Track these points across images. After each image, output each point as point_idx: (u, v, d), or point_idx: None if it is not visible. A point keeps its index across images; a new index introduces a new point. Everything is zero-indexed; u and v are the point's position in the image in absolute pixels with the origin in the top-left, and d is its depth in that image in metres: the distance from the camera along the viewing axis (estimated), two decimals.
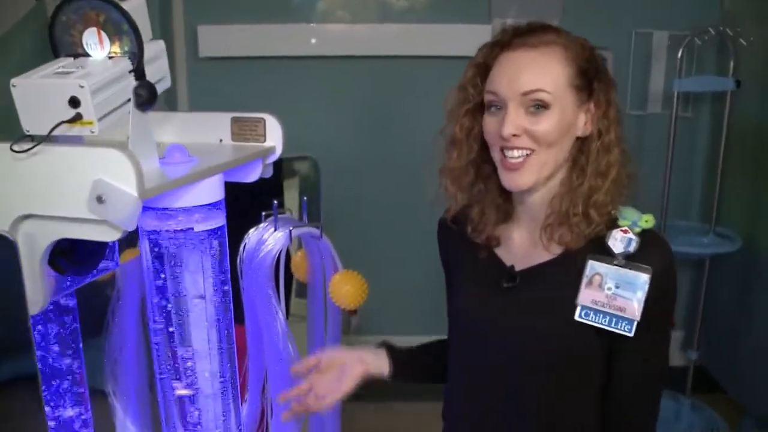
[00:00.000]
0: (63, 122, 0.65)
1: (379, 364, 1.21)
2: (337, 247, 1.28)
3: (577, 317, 0.99)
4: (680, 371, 2.71)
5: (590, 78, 1.01)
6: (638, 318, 0.96)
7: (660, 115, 2.68)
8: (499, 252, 1.11)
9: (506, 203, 1.10)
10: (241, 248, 1.20)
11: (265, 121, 1.00)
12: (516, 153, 1.00)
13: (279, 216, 1.22)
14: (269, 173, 1.04)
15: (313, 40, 2.82)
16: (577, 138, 1.03)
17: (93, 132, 0.67)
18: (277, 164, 1.05)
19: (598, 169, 1.01)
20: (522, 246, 1.09)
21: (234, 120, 1.01)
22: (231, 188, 0.89)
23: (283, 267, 1.18)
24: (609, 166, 1.01)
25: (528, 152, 0.99)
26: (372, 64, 2.85)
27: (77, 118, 0.66)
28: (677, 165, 2.78)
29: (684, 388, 2.65)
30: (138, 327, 1.24)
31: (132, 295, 1.20)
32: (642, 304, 0.96)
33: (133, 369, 1.26)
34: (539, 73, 0.98)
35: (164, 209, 0.79)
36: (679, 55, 2.35)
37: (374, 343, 1.26)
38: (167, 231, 0.80)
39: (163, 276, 0.81)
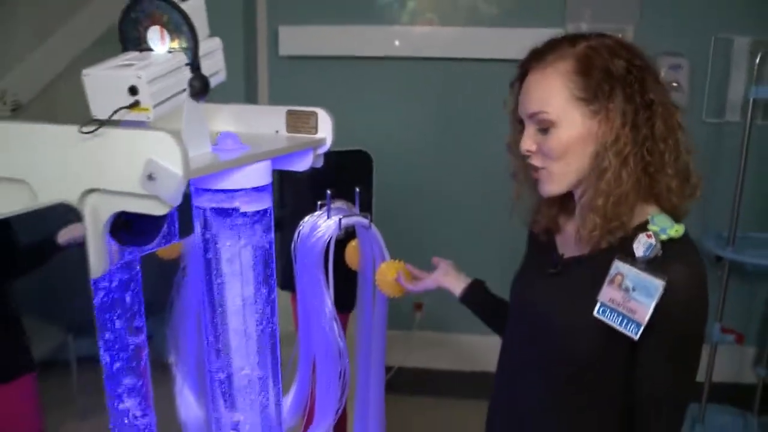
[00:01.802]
0: (122, 108, 0.73)
1: (455, 284, 1.41)
2: (401, 243, 1.35)
3: (595, 313, 1.02)
4: (749, 389, 2.62)
5: (599, 85, 1.01)
6: (645, 322, 0.96)
7: (738, 124, 2.59)
8: (558, 239, 1.17)
9: (566, 197, 1.14)
10: (296, 234, 1.27)
11: (317, 114, 1.07)
12: (535, 166, 1.08)
13: (333, 205, 1.28)
14: (320, 163, 1.10)
15: (387, 41, 2.88)
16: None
17: (149, 117, 0.75)
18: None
19: (614, 176, 1.02)
20: (572, 237, 1.13)
21: (289, 113, 1.08)
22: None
23: (332, 254, 1.24)
24: (619, 176, 1.01)
25: (543, 167, 1.06)
26: (444, 67, 2.90)
27: (135, 105, 0.74)
28: (755, 175, 2.68)
29: (752, 406, 2.56)
30: (199, 301, 1.33)
31: (195, 270, 1.29)
32: (651, 311, 0.96)
33: (193, 341, 1.35)
34: (540, 95, 1.03)
35: (214, 190, 0.87)
36: (757, 60, 2.27)
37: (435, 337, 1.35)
38: (216, 210, 0.87)
39: (210, 253, 0.88)
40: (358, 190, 1.29)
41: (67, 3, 2.18)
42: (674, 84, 2.67)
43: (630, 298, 0.98)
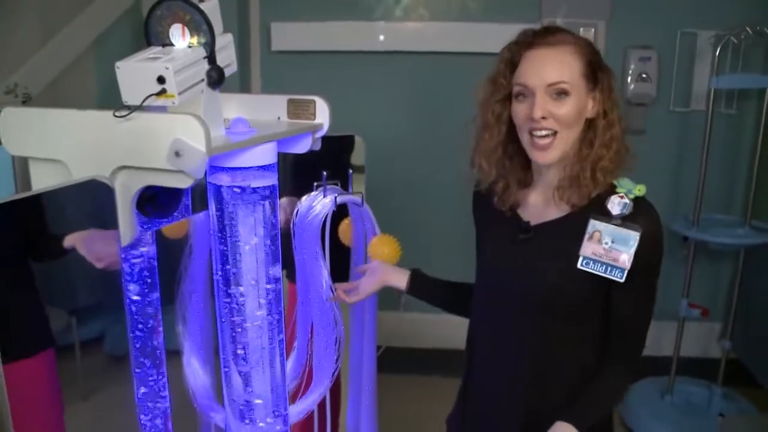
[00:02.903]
0: (152, 95, 0.84)
1: (399, 278, 1.43)
2: (389, 222, 1.43)
3: (579, 265, 1.15)
4: (715, 362, 2.74)
5: (595, 69, 1.17)
6: (628, 267, 1.13)
7: (704, 113, 2.72)
8: (520, 211, 1.27)
9: (526, 174, 1.26)
10: (294, 212, 1.38)
11: (315, 102, 1.18)
12: (543, 133, 1.16)
13: (327, 185, 1.39)
14: (318, 146, 1.21)
15: (374, 37, 2.98)
16: (586, 119, 1.18)
17: (174, 103, 0.85)
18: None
19: (604, 141, 1.17)
20: (537, 206, 1.25)
21: (290, 101, 1.19)
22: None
23: (329, 229, 1.35)
24: (612, 139, 1.17)
25: (552, 132, 1.16)
26: (425, 60, 3.00)
27: (163, 92, 0.85)
28: (720, 161, 2.81)
29: (716, 378, 2.69)
30: (206, 275, 1.43)
31: (201, 246, 1.39)
32: (632, 257, 1.12)
33: (200, 312, 1.45)
34: (559, 67, 1.15)
35: (227, 168, 0.97)
36: (717, 53, 2.40)
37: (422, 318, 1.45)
38: (229, 186, 0.98)
39: (225, 225, 0.99)
40: (351, 171, 1.40)
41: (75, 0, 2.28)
42: (644, 75, 2.80)
43: (611, 249, 1.14)
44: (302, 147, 1.18)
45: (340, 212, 1.44)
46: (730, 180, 2.96)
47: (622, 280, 1.13)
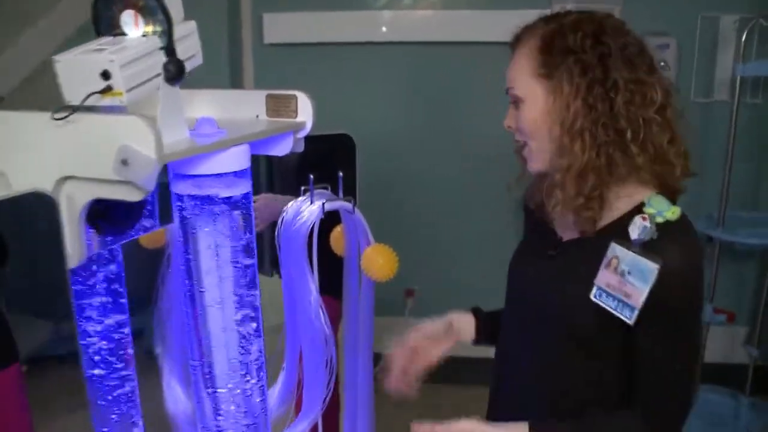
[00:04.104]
0: (94, 93, 0.73)
1: (467, 329, 1.34)
2: (386, 228, 1.34)
3: (591, 296, 1.03)
4: (741, 369, 2.64)
5: (557, 60, 1.03)
6: (639, 306, 0.98)
7: (727, 103, 2.61)
8: (557, 224, 1.18)
9: None
10: (280, 220, 1.27)
11: (296, 97, 1.07)
12: (520, 143, 1.11)
13: (316, 190, 1.28)
14: (300, 148, 1.11)
15: (373, 27, 2.88)
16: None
17: (122, 102, 0.75)
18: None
19: (582, 146, 1.04)
20: (570, 219, 1.14)
21: (269, 97, 1.08)
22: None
23: (316, 239, 1.24)
24: (571, 150, 1.04)
25: (524, 143, 1.10)
26: (430, 51, 2.89)
27: (108, 90, 0.74)
28: (746, 154, 2.69)
29: (744, 386, 2.58)
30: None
31: (180, 259, 1.29)
32: (646, 295, 0.97)
33: (179, 331, 1.35)
34: (511, 72, 1.09)
35: (192, 176, 0.87)
36: (744, 38, 2.28)
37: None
38: (194, 196, 0.87)
39: (189, 240, 0.88)
40: (341, 174, 1.29)
41: None
42: (662, 63, 2.67)
43: (625, 282, 0.99)
44: (283, 148, 1.08)
45: (336, 218, 1.34)
46: (757, 175, 2.84)
47: (631, 322, 0.99)
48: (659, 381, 1.06)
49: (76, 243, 0.82)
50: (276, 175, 1.84)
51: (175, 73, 0.81)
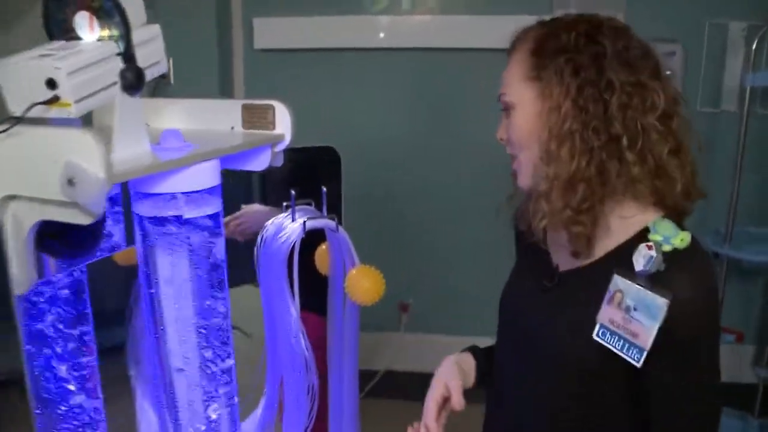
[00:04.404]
0: (38, 103, 0.66)
1: (470, 376, 1.20)
2: (374, 247, 1.28)
3: (594, 336, 0.95)
4: (749, 389, 2.56)
5: (547, 61, 0.97)
6: (648, 347, 0.89)
7: (735, 114, 2.54)
8: (553, 251, 1.09)
9: None
10: (259, 238, 1.21)
11: (274, 108, 1.00)
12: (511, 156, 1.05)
13: (298, 207, 1.21)
14: (279, 162, 1.04)
15: (368, 32, 2.82)
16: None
17: (71, 114, 0.68)
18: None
19: (554, 156, 0.98)
20: (566, 246, 1.04)
21: (244, 107, 1.02)
22: None
23: (296, 258, 1.17)
24: (558, 156, 0.96)
25: (515, 157, 1.04)
26: (428, 57, 2.83)
27: (54, 100, 0.67)
28: (754, 166, 2.63)
29: (753, 407, 2.50)
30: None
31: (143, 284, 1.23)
32: (654, 333, 0.88)
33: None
34: (504, 76, 1.03)
35: (154, 195, 0.80)
36: (754, 47, 2.22)
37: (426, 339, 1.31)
38: (154, 218, 0.80)
39: (149, 264, 0.81)
40: (324, 189, 1.22)
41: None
42: (667, 72, 2.61)
43: (631, 319, 0.90)
44: (259, 164, 1.01)
45: (322, 234, 1.27)
46: (766, 189, 2.77)
47: (639, 365, 0.90)
48: (681, 426, 0.97)
49: (23, 268, 0.75)
50: (259, 189, 1.77)
51: (134, 81, 0.75)
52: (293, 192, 1.19)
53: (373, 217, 2.92)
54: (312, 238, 1.24)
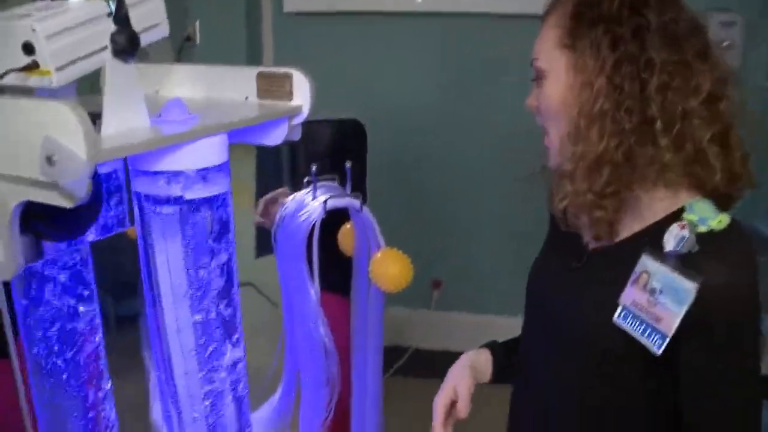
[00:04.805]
0: (13, 70, 0.59)
1: (482, 376, 1.17)
2: (401, 228, 1.20)
3: (615, 318, 0.90)
4: None
5: (585, 30, 0.90)
6: (671, 334, 0.83)
7: None
8: (583, 227, 1.02)
9: None
10: (278, 216, 1.14)
11: (292, 77, 0.92)
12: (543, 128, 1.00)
13: (321, 183, 1.14)
14: (296, 136, 0.96)
15: None
16: None
17: (52, 83, 0.61)
18: None
19: (599, 133, 0.91)
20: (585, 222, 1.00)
21: (260, 76, 0.94)
22: None
23: (317, 239, 1.10)
24: (587, 136, 0.91)
25: (547, 131, 0.99)
26: (460, 23, 2.73)
27: (33, 67, 0.60)
28: None
29: None
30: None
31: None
32: (680, 319, 0.83)
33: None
34: (537, 41, 0.97)
35: (153, 173, 0.73)
36: None
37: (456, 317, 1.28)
38: (153, 197, 0.73)
39: (148, 249, 0.75)
40: (349, 165, 1.14)
41: None
42: (726, 44, 2.44)
43: (656, 302, 0.85)
44: (275, 137, 0.94)
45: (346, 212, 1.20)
46: None
47: (658, 352, 0.84)
48: (717, 411, 0.90)
49: (8, 251, 0.69)
50: (275, 163, 1.70)
51: (126, 45, 0.67)
52: (314, 167, 1.11)
53: (401, 189, 2.84)
54: (335, 215, 1.17)
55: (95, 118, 0.67)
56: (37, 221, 0.72)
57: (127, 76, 0.69)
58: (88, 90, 0.78)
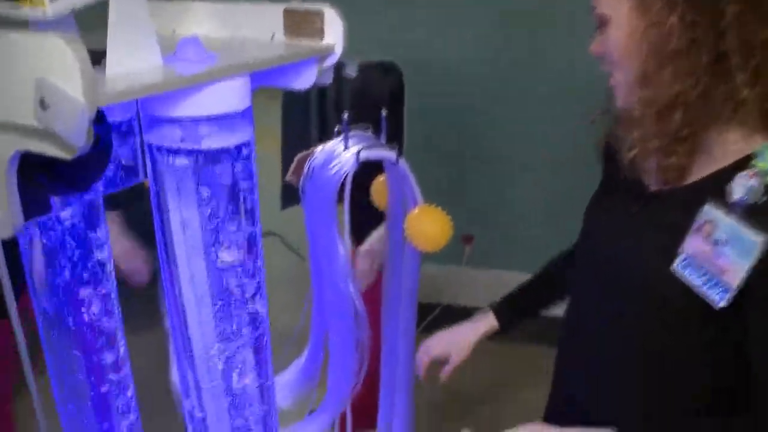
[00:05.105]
0: None
1: (490, 324, 1.29)
2: (440, 183, 1.13)
3: (674, 266, 0.88)
4: None
5: None
6: (734, 287, 0.83)
7: None
8: (645, 170, 1.00)
9: None
10: (306, 167, 1.06)
11: (323, 14, 0.83)
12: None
13: (353, 133, 1.06)
14: (327, 80, 0.89)
15: None
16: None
17: (46, 14, 0.53)
18: None
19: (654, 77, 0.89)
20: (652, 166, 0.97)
21: (287, 13, 0.85)
22: None
23: (348, 192, 1.02)
24: (659, 79, 0.88)
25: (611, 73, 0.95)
26: None
27: None
28: None
29: None
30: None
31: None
32: (745, 272, 0.82)
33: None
34: None
35: (164, 119, 0.66)
36: None
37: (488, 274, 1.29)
38: (169, 147, 0.66)
39: (161, 204, 0.68)
40: (384, 113, 1.06)
41: None
42: None
43: (720, 253, 0.85)
44: (304, 81, 0.86)
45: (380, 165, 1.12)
46: None
47: (720, 305, 0.83)
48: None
49: (6, 208, 0.63)
50: (303, 110, 1.61)
51: None
52: (346, 114, 1.03)
53: (434, 140, 2.74)
54: (365, 170, 1.09)
55: (100, 56, 0.60)
56: (39, 173, 0.65)
57: (136, 8, 0.61)
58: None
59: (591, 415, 1.03)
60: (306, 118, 1.65)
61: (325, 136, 1.12)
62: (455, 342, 1.26)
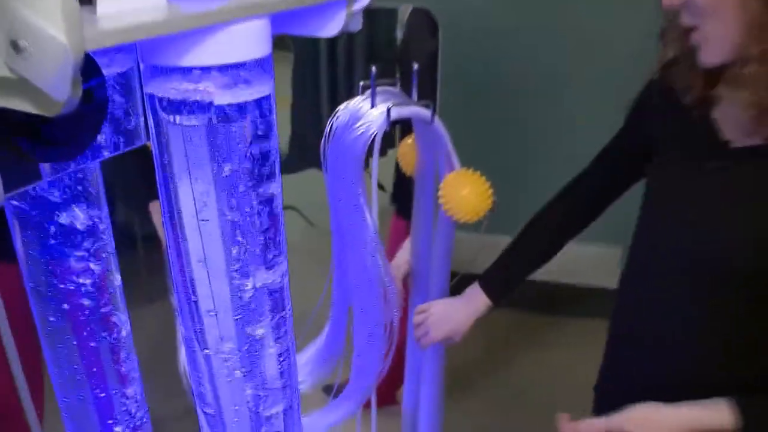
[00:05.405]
0: None
1: (482, 304, 1.24)
2: (475, 144, 1.03)
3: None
4: None
5: None
6: None
7: None
8: (720, 119, 0.92)
9: None
10: (328, 127, 0.96)
11: None
12: (688, 26, 0.87)
13: (381, 89, 0.95)
14: (357, 26, 0.78)
15: None
16: None
17: None
18: None
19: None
20: (740, 117, 0.88)
21: None
22: None
23: (376, 155, 0.92)
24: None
25: (692, 27, 0.86)
26: None
27: None
28: None
29: None
30: None
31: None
32: None
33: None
34: None
35: (168, 68, 0.55)
36: None
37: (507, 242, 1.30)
38: (175, 102, 0.56)
39: (166, 166, 0.58)
40: (416, 67, 0.95)
41: None
42: None
43: None
44: (331, 27, 0.75)
45: (406, 125, 1.02)
46: None
47: None
48: None
49: None
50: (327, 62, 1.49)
51: None
52: (374, 68, 0.92)
53: (466, 98, 2.63)
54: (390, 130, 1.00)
55: None
56: (18, 135, 0.55)
57: None
58: None
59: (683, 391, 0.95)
60: (316, 72, 1.55)
61: (338, 93, 1.01)
62: (456, 330, 1.20)
